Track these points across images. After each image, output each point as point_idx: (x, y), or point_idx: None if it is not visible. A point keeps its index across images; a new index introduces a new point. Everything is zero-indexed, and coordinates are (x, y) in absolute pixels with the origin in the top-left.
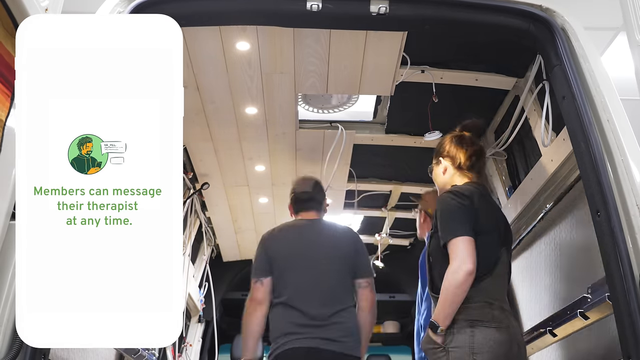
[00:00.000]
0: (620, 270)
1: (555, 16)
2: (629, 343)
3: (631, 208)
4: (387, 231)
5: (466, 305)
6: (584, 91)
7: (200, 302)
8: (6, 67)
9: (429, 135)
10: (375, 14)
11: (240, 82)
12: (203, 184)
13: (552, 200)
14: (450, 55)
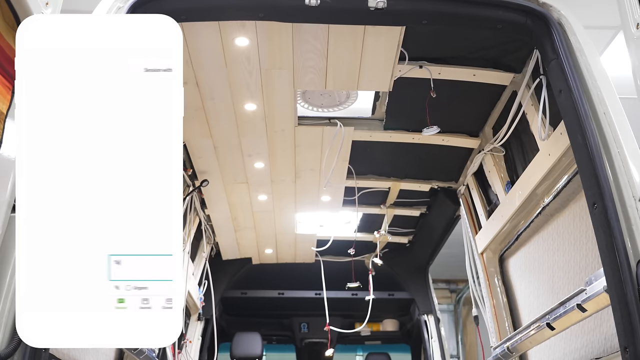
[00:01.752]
0: (617, 262)
1: (551, 10)
2: (626, 334)
3: (628, 200)
4: (386, 228)
5: None
6: (581, 85)
7: (199, 300)
8: (7, 60)
9: (427, 131)
10: (374, 9)
11: (240, 78)
12: (202, 181)
13: (550, 195)
14: (448, 50)
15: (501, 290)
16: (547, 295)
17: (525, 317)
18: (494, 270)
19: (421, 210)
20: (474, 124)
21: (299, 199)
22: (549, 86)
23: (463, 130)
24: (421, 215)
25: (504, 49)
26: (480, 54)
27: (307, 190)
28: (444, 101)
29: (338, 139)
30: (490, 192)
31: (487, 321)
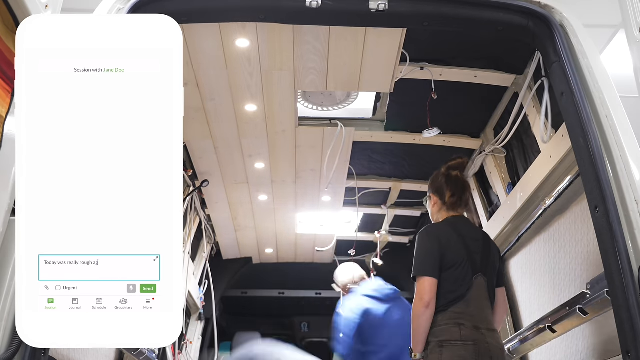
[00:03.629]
0: (619, 266)
1: (553, 13)
2: (627, 338)
3: (630, 203)
4: (387, 229)
5: (435, 329)
6: (583, 87)
7: (200, 299)
8: (7, 63)
9: (427, 132)
10: (375, 11)
11: (240, 79)
12: (203, 181)
13: (552, 197)
14: (450, 52)
15: None
16: (548, 297)
17: (526, 319)
18: None
19: (422, 211)
20: (475, 125)
21: (299, 199)
22: (550, 88)
23: (464, 131)
24: (422, 216)
25: (506, 51)
26: (482, 55)
27: (307, 191)
28: (445, 102)
29: (339, 139)
30: (491, 193)
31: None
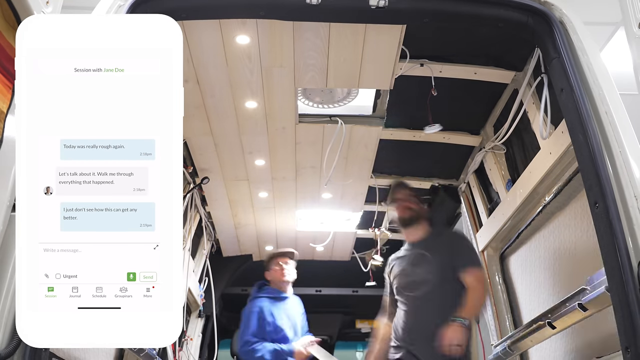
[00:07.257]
0: (619, 262)
1: (553, 9)
2: (627, 334)
3: (629, 199)
4: (387, 226)
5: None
6: (582, 83)
7: (200, 297)
8: (7, 59)
9: (429, 128)
10: (375, 7)
11: (240, 76)
12: (203, 178)
13: (551, 193)
14: (450, 48)
15: (502, 288)
16: (548, 293)
17: (526, 315)
18: (495, 268)
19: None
20: (475, 122)
21: (299, 196)
22: (550, 85)
23: (464, 128)
24: None
25: (506, 47)
26: (482, 52)
27: (307, 188)
28: (445, 99)
29: (339, 136)
30: (491, 190)
31: (488, 319)
